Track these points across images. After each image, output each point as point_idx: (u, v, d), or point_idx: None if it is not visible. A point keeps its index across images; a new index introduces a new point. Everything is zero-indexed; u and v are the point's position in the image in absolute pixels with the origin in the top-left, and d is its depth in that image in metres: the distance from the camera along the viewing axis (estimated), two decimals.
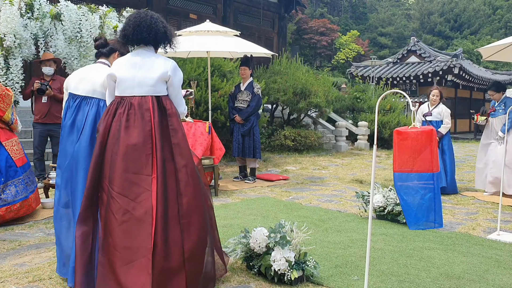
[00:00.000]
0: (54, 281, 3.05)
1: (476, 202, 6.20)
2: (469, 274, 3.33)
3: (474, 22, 40.23)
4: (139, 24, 2.76)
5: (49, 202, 5.19)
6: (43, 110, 6.20)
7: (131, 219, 2.59)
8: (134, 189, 2.63)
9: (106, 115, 2.77)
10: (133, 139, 2.67)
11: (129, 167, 2.65)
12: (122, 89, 2.78)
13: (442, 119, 6.92)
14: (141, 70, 2.77)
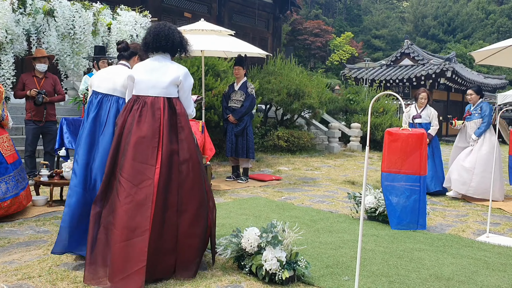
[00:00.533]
0: (44, 278, 3.03)
1: (466, 204, 6.24)
2: (458, 276, 3.35)
3: (467, 26, 40.53)
4: (158, 34, 3.18)
5: (40, 200, 5.15)
6: (37, 108, 6.14)
7: (132, 202, 2.95)
8: (139, 176, 2.99)
9: (124, 111, 3.18)
10: (142, 132, 3.05)
11: (137, 157, 3.02)
12: (138, 89, 3.18)
13: (430, 121, 6.96)
14: (156, 74, 3.18)
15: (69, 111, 8.49)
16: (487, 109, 6.54)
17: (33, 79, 6.24)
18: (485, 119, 6.50)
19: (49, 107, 6.27)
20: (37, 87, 6.16)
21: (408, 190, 2.62)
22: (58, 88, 6.40)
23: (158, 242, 2.97)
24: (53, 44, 7.42)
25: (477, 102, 6.76)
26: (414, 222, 2.61)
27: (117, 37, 8.32)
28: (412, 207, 2.59)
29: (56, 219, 4.59)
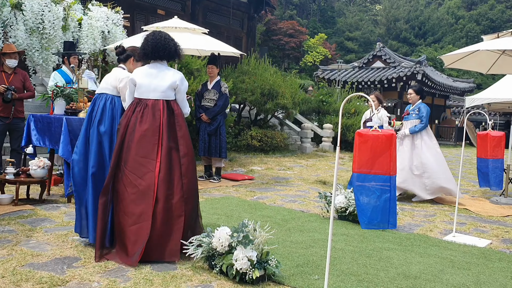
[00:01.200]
0: (7, 279, 2.94)
1: (434, 204, 6.39)
2: (425, 274, 3.43)
3: (437, 30, 41.55)
4: (156, 45, 3.59)
5: (5, 198, 5.00)
6: (4, 105, 5.95)
7: (137, 192, 3.41)
8: (142, 169, 3.44)
9: (128, 112, 3.59)
10: (144, 131, 3.48)
11: (140, 152, 3.46)
12: (140, 92, 3.58)
13: (382, 123, 6.83)
14: (156, 79, 3.59)
15: (38, 108, 8.28)
16: (425, 110, 6.51)
17: (2, 74, 6.03)
18: (423, 120, 6.48)
19: (17, 104, 6.08)
20: (5, 83, 5.97)
21: (378, 190, 2.65)
22: (27, 85, 6.22)
23: (162, 225, 3.40)
24: (20, 39, 7.22)
25: (416, 102, 6.68)
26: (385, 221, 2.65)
27: (88, 33, 8.17)
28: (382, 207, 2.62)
29: (22, 218, 4.46)
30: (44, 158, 5.18)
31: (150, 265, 3.32)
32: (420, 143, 6.47)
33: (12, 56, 5.99)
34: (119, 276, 3.10)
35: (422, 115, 6.49)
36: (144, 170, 3.43)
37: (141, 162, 3.45)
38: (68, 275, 3.06)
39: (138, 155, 3.45)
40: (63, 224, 4.35)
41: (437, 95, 24.23)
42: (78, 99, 5.53)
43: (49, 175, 5.52)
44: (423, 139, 6.49)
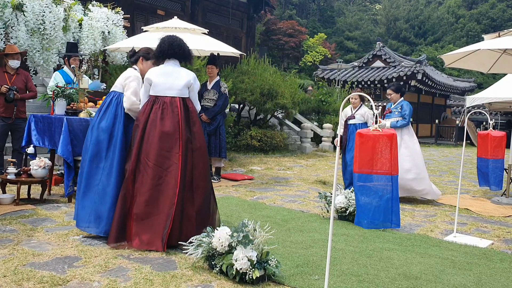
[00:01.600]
0: (9, 279, 2.94)
1: (435, 205, 6.39)
2: (426, 275, 3.43)
3: (437, 29, 41.51)
4: (172, 43, 3.88)
5: (6, 198, 5.01)
6: (7, 105, 5.96)
7: (163, 183, 3.68)
8: (166, 162, 3.71)
9: (145, 109, 3.82)
10: (166, 127, 3.74)
11: (163, 147, 3.72)
12: (156, 90, 3.82)
13: (366, 121, 6.72)
14: (171, 77, 3.84)
15: (38, 108, 8.28)
16: (407, 108, 6.40)
17: (4, 75, 6.05)
18: (406, 118, 6.36)
19: (19, 104, 6.09)
20: (7, 83, 5.98)
21: (380, 190, 2.65)
22: (29, 85, 6.23)
23: (181, 212, 3.71)
24: (22, 40, 7.23)
25: (398, 100, 6.55)
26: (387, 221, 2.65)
27: (89, 34, 8.18)
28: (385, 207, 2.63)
29: (23, 217, 4.47)
30: (45, 158, 5.19)
31: (150, 265, 3.33)
32: (399, 141, 6.28)
33: (14, 57, 6.00)
34: (120, 275, 3.10)
35: (405, 113, 6.37)
36: (169, 162, 3.71)
37: (166, 155, 3.71)
38: (69, 275, 3.07)
39: (162, 149, 3.71)
40: (64, 223, 4.36)
41: (438, 94, 24.23)
42: (78, 99, 5.53)
43: (50, 175, 5.52)
44: (402, 138, 6.35)
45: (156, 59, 4.02)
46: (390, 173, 2.60)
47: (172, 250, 3.72)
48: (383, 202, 2.63)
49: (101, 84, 6.68)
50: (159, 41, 3.94)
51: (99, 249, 3.64)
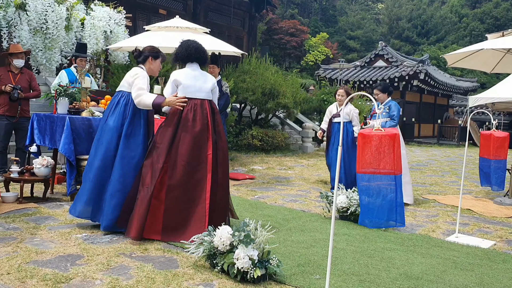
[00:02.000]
0: (13, 276, 2.96)
1: (436, 205, 6.39)
2: (428, 275, 3.43)
3: (440, 29, 41.42)
4: (198, 47, 4.09)
5: (10, 196, 5.02)
6: (11, 104, 5.98)
7: (193, 180, 3.90)
8: (197, 160, 3.92)
9: (177, 110, 3.95)
10: (198, 128, 3.94)
11: (196, 146, 3.93)
12: (186, 92, 4.00)
13: (351, 119, 6.60)
14: (199, 81, 4.06)
15: (41, 107, 8.30)
16: (396, 109, 6.15)
17: (9, 74, 6.07)
18: (394, 119, 6.14)
19: (23, 103, 6.12)
20: (12, 82, 6.01)
21: (384, 190, 2.65)
22: (33, 84, 6.26)
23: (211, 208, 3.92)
24: (24, 39, 7.25)
25: (385, 100, 6.28)
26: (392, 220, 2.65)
27: (91, 33, 8.19)
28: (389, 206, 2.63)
29: (26, 216, 4.49)
30: (47, 157, 5.21)
31: (152, 264, 3.34)
32: None
33: (19, 56, 6.03)
34: (122, 274, 3.12)
35: (393, 114, 6.14)
36: (199, 161, 3.93)
37: (198, 155, 3.93)
38: (71, 272, 3.08)
39: (194, 149, 3.91)
40: (66, 222, 4.38)
41: (440, 94, 24.19)
42: (81, 98, 5.55)
43: (53, 174, 5.54)
44: None
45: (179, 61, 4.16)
46: (393, 173, 2.60)
47: (174, 248, 3.73)
48: (387, 202, 2.63)
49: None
50: (183, 45, 4.09)
51: (101, 248, 3.65)
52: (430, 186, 8.12)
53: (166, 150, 3.89)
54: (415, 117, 22.52)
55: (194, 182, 3.91)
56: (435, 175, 9.73)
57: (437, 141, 21.29)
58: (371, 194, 2.65)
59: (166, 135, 3.94)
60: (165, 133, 3.95)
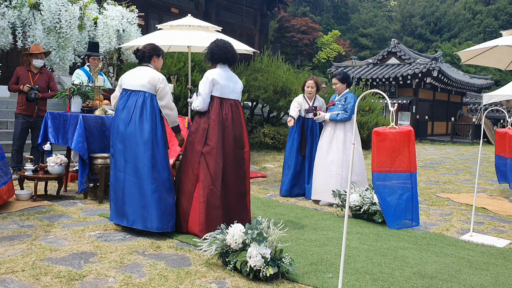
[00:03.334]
0: (27, 273, 2.99)
1: (450, 203, 6.32)
2: (442, 274, 3.39)
3: (454, 26, 40.92)
4: (233, 51, 4.23)
5: (24, 194, 5.09)
6: (29, 103, 6.06)
7: (239, 177, 4.14)
8: (240, 158, 4.15)
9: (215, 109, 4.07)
10: (237, 128, 4.15)
11: (237, 144, 4.14)
12: (222, 92, 4.14)
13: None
14: (232, 82, 4.22)
15: (55, 106, 8.39)
16: (352, 101, 5.64)
17: (28, 73, 6.14)
18: (348, 111, 5.64)
19: (40, 103, 6.17)
20: (31, 82, 6.07)
21: (400, 188, 2.60)
22: (52, 84, 6.31)
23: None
24: (39, 38, 7.33)
25: (343, 91, 5.80)
26: (408, 219, 2.61)
27: (104, 32, 8.25)
28: (405, 205, 2.58)
29: (40, 213, 4.54)
30: (61, 155, 5.26)
31: (165, 261, 3.35)
32: (343, 137, 5.69)
33: (38, 56, 6.10)
34: (135, 271, 3.13)
35: (347, 106, 5.65)
36: (241, 158, 4.15)
37: (239, 153, 4.14)
38: (85, 270, 3.11)
39: (237, 147, 4.12)
40: (80, 220, 4.41)
41: (454, 92, 23.91)
42: (94, 97, 5.59)
43: (66, 172, 5.60)
44: (346, 135, 5.70)
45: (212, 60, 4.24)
46: (409, 171, 2.56)
47: (186, 246, 3.74)
48: (404, 201, 2.58)
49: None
50: (219, 45, 4.19)
51: (114, 245, 3.67)
52: (444, 185, 8.03)
53: (221, 152, 4.03)
54: (428, 115, 22.30)
55: (240, 179, 4.14)
56: (449, 173, 9.63)
57: (450, 139, 21.05)
58: (387, 193, 2.60)
59: (214, 137, 4.03)
60: (212, 135, 4.04)
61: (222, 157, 4.02)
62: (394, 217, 2.59)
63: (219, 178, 4.00)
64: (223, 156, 4.03)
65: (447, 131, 23.71)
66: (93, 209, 4.86)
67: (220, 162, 4.01)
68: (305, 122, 6.20)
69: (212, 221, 3.91)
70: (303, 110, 6.17)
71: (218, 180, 3.99)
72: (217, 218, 3.93)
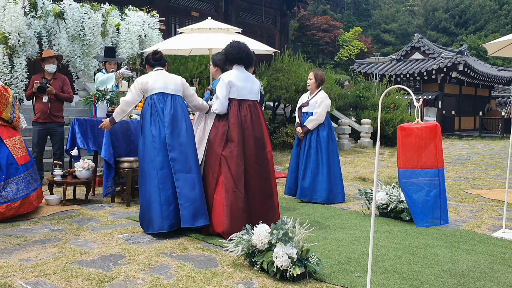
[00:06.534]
0: (59, 275, 3.06)
1: (481, 200, 6.17)
2: (474, 272, 3.31)
3: (479, 18, 39.93)
4: (248, 52, 4.21)
5: (54, 199, 5.20)
6: (43, 110, 6.11)
7: (263, 178, 4.12)
8: (262, 159, 4.13)
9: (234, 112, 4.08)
10: (256, 128, 4.14)
11: (259, 145, 4.13)
12: (240, 94, 4.14)
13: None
14: (249, 82, 4.21)
15: (81, 112, 8.56)
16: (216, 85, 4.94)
17: (42, 80, 6.24)
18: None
19: (56, 109, 6.18)
20: None
21: (427, 185, 2.54)
22: (66, 89, 6.33)
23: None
24: (63, 46, 7.49)
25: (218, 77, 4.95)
26: (437, 217, 2.54)
27: (126, 38, 8.37)
28: (433, 202, 2.51)
29: (70, 217, 4.64)
30: (88, 160, 5.35)
31: (192, 262, 3.37)
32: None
33: (49, 61, 6.11)
34: (163, 273, 3.16)
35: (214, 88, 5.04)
36: (263, 159, 4.13)
37: (261, 154, 4.13)
38: (114, 272, 3.15)
39: (258, 148, 4.11)
40: (108, 223, 4.49)
41: (481, 85, 23.35)
42: (118, 102, 5.67)
43: (94, 176, 5.70)
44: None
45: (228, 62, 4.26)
46: (436, 166, 2.50)
47: (213, 247, 3.75)
48: (431, 198, 2.52)
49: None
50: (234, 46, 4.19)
51: (142, 247, 3.72)
52: (473, 181, 7.84)
53: (242, 154, 4.02)
54: (455, 110, 21.83)
55: (264, 180, 4.12)
56: (478, 169, 9.40)
57: (479, 134, 20.56)
58: (414, 190, 2.54)
59: (234, 139, 4.03)
60: (232, 138, 4.04)
61: (243, 159, 4.01)
62: (422, 215, 2.52)
63: (241, 180, 3.98)
64: (244, 158, 4.02)
65: (475, 126, 23.17)
66: (120, 212, 4.93)
67: (242, 164, 4.00)
68: (302, 117, 5.91)
69: (236, 223, 3.88)
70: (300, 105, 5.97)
71: (240, 182, 3.98)
72: (241, 220, 3.89)
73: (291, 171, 5.98)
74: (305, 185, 5.72)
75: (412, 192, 2.54)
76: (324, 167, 5.72)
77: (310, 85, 5.92)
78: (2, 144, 4.49)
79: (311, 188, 5.68)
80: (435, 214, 2.53)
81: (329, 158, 5.77)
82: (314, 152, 5.75)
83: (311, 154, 5.77)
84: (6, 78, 6.85)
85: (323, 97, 5.80)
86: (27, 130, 6.82)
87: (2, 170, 4.43)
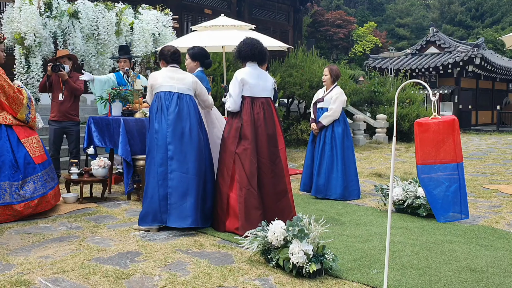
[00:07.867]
0: (77, 272, 3.10)
1: (499, 195, 6.07)
2: (493, 268, 3.26)
3: (496, 10, 39.19)
4: (262, 49, 4.19)
5: (71, 197, 5.26)
6: (59, 108, 6.17)
7: (276, 175, 4.10)
8: (275, 156, 4.12)
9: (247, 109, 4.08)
10: (270, 126, 4.13)
11: (271, 143, 4.12)
12: (253, 91, 4.13)
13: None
14: (262, 80, 4.20)
15: (95, 111, 8.64)
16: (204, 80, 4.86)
17: (59, 79, 6.29)
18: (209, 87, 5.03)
19: (70, 108, 6.19)
20: (61, 87, 6.16)
21: (447, 180, 2.50)
22: (77, 83, 6.33)
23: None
24: (78, 46, 7.57)
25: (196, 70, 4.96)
26: (457, 212, 2.50)
27: (140, 36, 8.42)
28: (453, 197, 2.47)
29: (87, 215, 4.69)
30: (104, 158, 5.40)
31: (208, 259, 3.38)
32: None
33: (61, 61, 6.13)
34: (179, 269, 3.18)
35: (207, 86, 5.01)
36: (275, 156, 4.12)
37: (273, 151, 4.12)
38: (131, 269, 3.18)
39: (270, 146, 4.10)
40: (124, 220, 4.53)
41: (498, 79, 22.93)
42: (133, 100, 5.71)
43: (110, 174, 5.75)
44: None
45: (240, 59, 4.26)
46: (455, 161, 2.46)
47: (229, 244, 3.76)
48: (451, 193, 2.48)
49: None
50: (247, 43, 4.18)
51: (158, 244, 3.74)
52: (491, 176, 7.72)
53: (255, 151, 4.04)
54: (472, 104, 21.51)
55: (277, 177, 4.10)
56: (496, 164, 9.25)
57: (496, 128, 20.22)
58: (433, 186, 2.50)
59: (247, 137, 4.05)
60: (245, 136, 4.06)
61: (256, 157, 4.02)
62: (442, 210, 2.48)
63: (255, 178, 4.00)
64: (257, 155, 4.04)
65: (493, 120, 22.78)
66: (137, 210, 4.97)
67: (255, 162, 4.01)
68: (317, 113, 5.86)
69: (251, 221, 3.89)
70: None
71: (253, 180, 4.00)
72: (256, 218, 3.90)
73: (306, 167, 5.95)
74: (320, 181, 5.68)
75: (432, 187, 2.50)
76: (339, 163, 5.66)
77: (325, 80, 5.85)
78: (19, 144, 4.55)
79: (326, 184, 5.65)
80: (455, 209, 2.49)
81: (344, 154, 5.70)
82: (329, 149, 5.69)
83: (326, 151, 5.71)
84: (23, 78, 6.95)
85: (339, 92, 5.73)
86: (44, 129, 6.89)
87: (20, 170, 4.50)
